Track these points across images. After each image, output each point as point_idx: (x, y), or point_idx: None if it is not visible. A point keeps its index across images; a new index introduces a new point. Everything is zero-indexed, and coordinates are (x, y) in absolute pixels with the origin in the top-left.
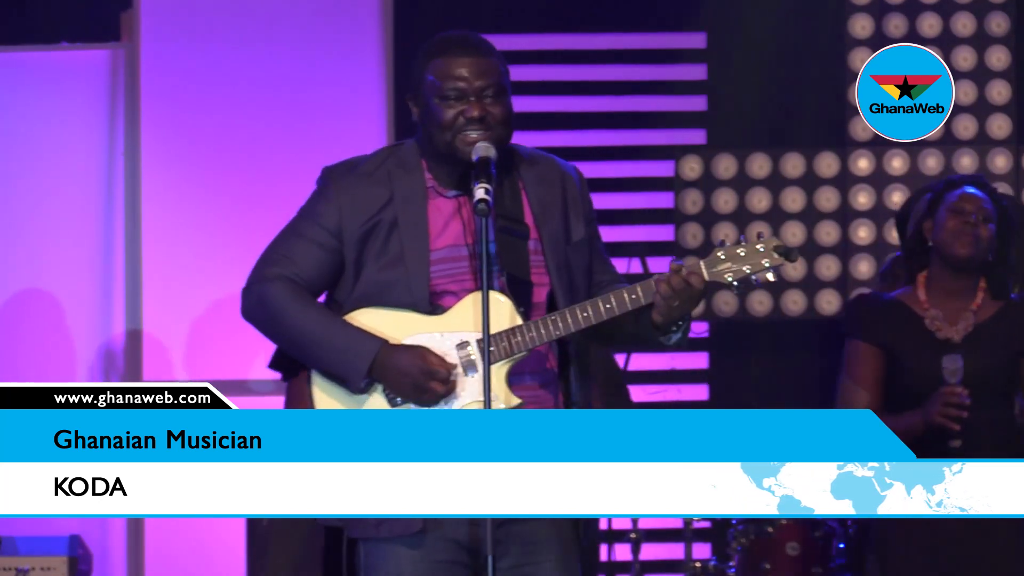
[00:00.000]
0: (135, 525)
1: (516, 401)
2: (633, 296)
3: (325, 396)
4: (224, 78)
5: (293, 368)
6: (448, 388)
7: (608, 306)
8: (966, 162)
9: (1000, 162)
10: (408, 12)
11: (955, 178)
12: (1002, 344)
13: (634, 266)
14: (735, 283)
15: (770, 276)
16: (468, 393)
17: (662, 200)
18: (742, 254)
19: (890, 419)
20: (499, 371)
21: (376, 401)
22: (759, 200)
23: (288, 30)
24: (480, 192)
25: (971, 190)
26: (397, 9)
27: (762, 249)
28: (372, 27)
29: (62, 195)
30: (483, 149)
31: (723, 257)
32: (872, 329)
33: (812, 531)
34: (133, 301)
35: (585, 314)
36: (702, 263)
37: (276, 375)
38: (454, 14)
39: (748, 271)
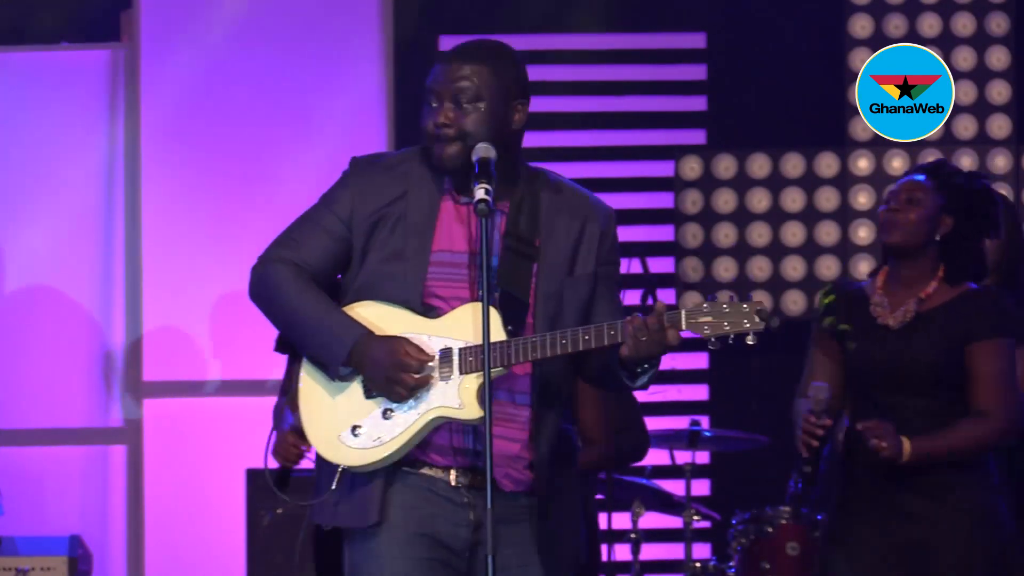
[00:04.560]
0: (135, 525)
1: (479, 414)
2: (611, 332)
3: (311, 381)
4: (224, 78)
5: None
6: (419, 381)
7: (586, 338)
8: (966, 162)
9: (1000, 162)
10: (408, 16)
11: (913, 167)
12: (946, 333)
13: (634, 266)
14: (712, 339)
15: (749, 340)
16: (439, 398)
17: (662, 200)
18: (726, 311)
19: (796, 416)
20: (473, 382)
21: (353, 391)
22: (759, 200)
23: (288, 31)
24: (480, 192)
25: (911, 177)
26: (397, 12)
27: (746, 310)
28: (372, 28)
29: (62, 195)
30: (483, 150)
31: (706, 311)
32: (828, 315)
33: (812, 531)
34: (133, 301)
35: (563, 341)
36: (683, 313)
37: (279, 374)
38: (454, 17)
39: (727, 329)
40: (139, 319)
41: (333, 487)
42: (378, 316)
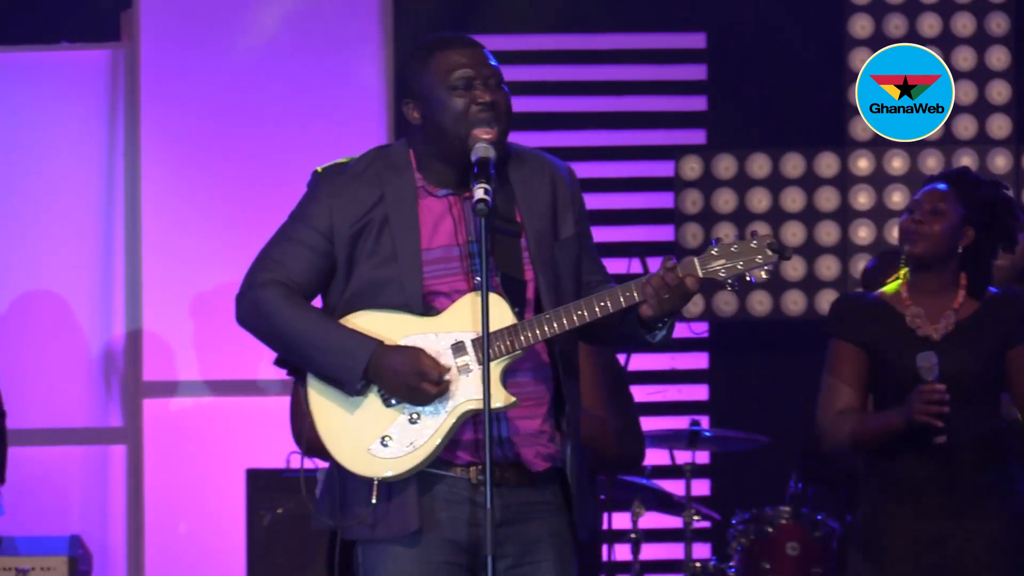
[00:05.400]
0: (135, 525)
1: (512, 400)
2: (627, 294)
3: (320, 398)
4: (224, 78)
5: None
6: (440, 389)
7: (602, 304)
8: (966, 162)
9: (1000, 162)
10: (408, 13)
11: (934, 175)
12: (985, 341)
13: (634, 266)
14: (729, 280)
15: (764, 273)
16: (462, 393)
17: (662, 200)
18: (736, 251)
19: (872, 418)
20: (495, 370)
21: (371, 402)
22: (759, 200)
23: (288, 31)
24: (480, 192)
25: (935, 186)
26: (397, 10)
27: (756, 246)
28: (372, 28)
29: (62, 195)
30: (482, 150)
31: (717, 254)
32: (853, 328)
33: (812, 531)
34: (133, 301)
35: (580, 313)
36: (696, 261)
37: (279, 374)
38: (454, 15)
39: (742, 268)
40: (139, 319)
41: (374, 501)
42: (378, 324)
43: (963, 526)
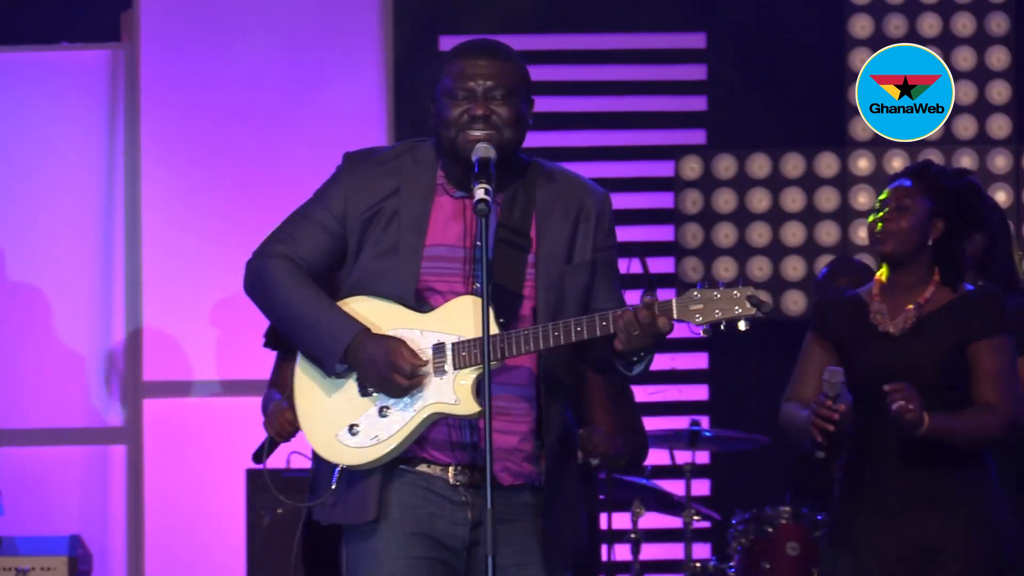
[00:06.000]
0: (135, 525)
1: (476, 410)
2: (604, 323)
3: (305, 377)
4: (224, 78)
5: (288, 347)
6: (413, 384)
7: (579, 329)
8: (966, 162)
9: (1000, 162)
10: (408, 14)
11: (898, 172)
12: (945, 336)
13: (634, 266)
14: (704, 327)
15: (741, 325)
16: (433, 394)
17: (662, 200)
18: (716, 298)
19: (801, 411)
20: (468, 376)
21: (348, 388)
22: (759, 200)
23: (288, 31)
24: (480, 192)
25: (899, 183)
26: (397, 12)
27: (737, 296)
28: (372, 29)
29: (62, 195)
30: (483, 150)
31: (697, 298)
32: (825, 323)
33: (812, 531)
34: (133, 301)
35: (556, 334)
36: (674, 302)
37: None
38: (454, 16)
39: (719, 316)
40: (139, 319)
41: (333, 486)
42: (371, 311)
43: (931, 521)
